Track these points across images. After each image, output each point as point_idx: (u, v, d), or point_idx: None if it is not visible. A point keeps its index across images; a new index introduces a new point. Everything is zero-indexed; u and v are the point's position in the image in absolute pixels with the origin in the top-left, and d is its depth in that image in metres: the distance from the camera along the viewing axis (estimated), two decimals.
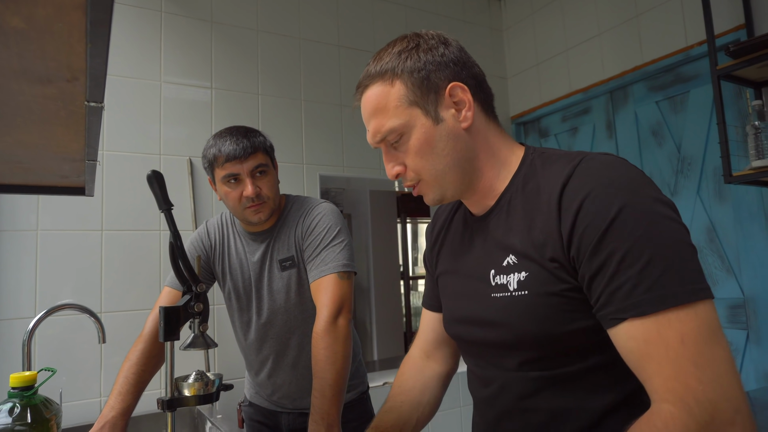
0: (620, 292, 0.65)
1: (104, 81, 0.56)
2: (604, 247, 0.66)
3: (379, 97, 0.81)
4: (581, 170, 0.72)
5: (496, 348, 0.83)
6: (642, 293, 0.63)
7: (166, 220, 1.15)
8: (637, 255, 0.64)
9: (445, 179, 0.82)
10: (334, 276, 1.36)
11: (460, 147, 0.81)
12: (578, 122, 2.76)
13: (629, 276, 0.64)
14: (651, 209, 0.66)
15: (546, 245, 0.73)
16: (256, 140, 1.40)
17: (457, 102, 0.81)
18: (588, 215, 0.68)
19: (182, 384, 1.19)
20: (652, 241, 0.64)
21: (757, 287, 2.01)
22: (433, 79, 0.80)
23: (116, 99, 2.03)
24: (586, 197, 0.69)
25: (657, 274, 0.63)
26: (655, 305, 0.62)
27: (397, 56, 0.82)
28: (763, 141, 1.74)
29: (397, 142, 0.82)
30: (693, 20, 2.18)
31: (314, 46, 2.51)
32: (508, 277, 0.78)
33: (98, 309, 1.90)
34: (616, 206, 0.66)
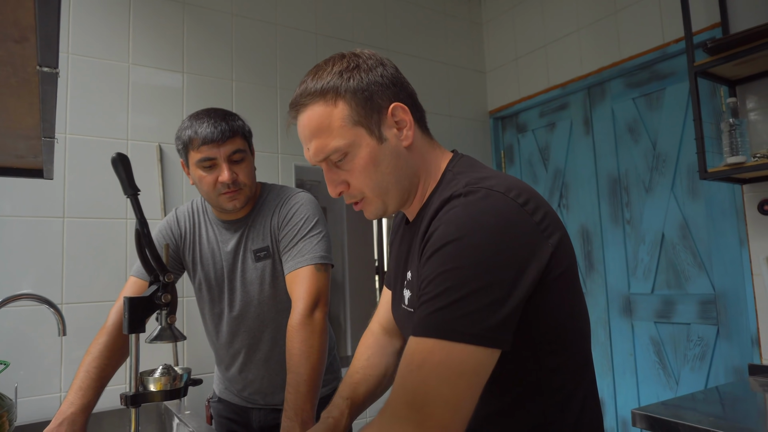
0: (420, 308, 0.72)
1: (57, 43, 0.51)
2: (424, 271, 0.74)
3: (321, 117, 0.82)
4: (450, 205, 0.76)
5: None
6: (421, 317, 0.70)
7: (132, 205, 1.09)
8: (437, 284, 0.70)
9: (388, 195, 0.86)
10: (311, 268, 1.31)
11: (401, 165, 0.85)
12: (556, 118, 2.77)
13: (423, 300, 0.71)
14: (472, 251, 0.69)
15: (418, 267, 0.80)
16: (234, 124, 1.34)
17: (398, 121, 0.84)
18: (428, 246, 0.75)
19: (148, 378, 1.14)
20: (453, 278, 0.68)
21: (727, 283, 2.05)
22: (376, 100, 0.82)
23: (81, 79, 1.93)
24: (434, 232, 0.75)
25: (437, 306, 0.68)
26: (422, 331, 0.69)
27: (339, 75, 0.82)
28: (737, 138, 1.75)
29: (340, 161, 0.83)
30: (670, 18, 2.20)
31: (291, 32, 2.44)
32: (405, 292, 0.88)
33: (59, 300, 1.81)
34: (445, 239, 0.72)
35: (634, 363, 2.36)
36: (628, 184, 2.41)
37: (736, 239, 2.01)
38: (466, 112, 2.99)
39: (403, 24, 2.80)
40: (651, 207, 2.31)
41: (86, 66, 1.95)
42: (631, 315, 2.38)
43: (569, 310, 0.79)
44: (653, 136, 2.32)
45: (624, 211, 2.43)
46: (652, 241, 2.30)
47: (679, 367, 2.20)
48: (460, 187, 0.77)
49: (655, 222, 2.29)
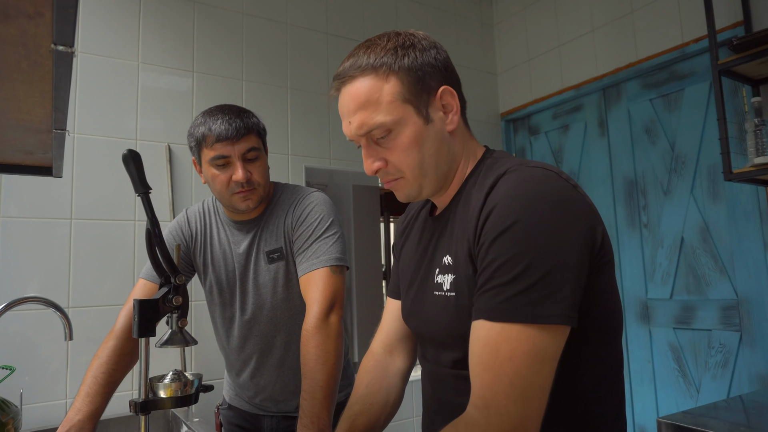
0: (486, 294, 0.70)
1: (74, 18, 0.46)
2: (489, 252, 0.71)
3: (370, 90, 0.80)
4: (501, 183, 0.76)
5: (435, 344, 0.87)
6: (499, 302, 0.68)
7: (143, 204, 1.05)
8: (511, 267, 0.68)
9: (426, 178, 0.84)
10: (326, 270, 1.27)
11: (443, 149, 0.84)
12: (569, 120, 2.72)
13: (497, 283, 0.69)
14: (543, 229, 0.69)
15: (467, 252, 0.78)
16: (249, 121, 1.30)
17: (445, 105, 0.84)
18: (489, 223, 0.73)
19: (158, 384, 1.10)
20: (527, 259, 0.68)
21: (751, 288, 1.99)
22: (428, 80, 0.82)
23: (90, 78, 1.90)
24: (494, 207, 0.73)
25: (519, 289, 0.67)
26: (503, 316, 0.67)
27: (393, 52, 0.81)
28: (763, 138, 1.70)
29: (382, 138, 0.81)
30: (689, 17, 2.15)
31: (302, 32, 2.41)
32: (444, 277, 0.83)
33: (66, 304, 1.77)
34: (511, 218, 0.70)
35: (652, 370, 2.30)
36: (646, 186, 2.36)
37: (759, 242, 1.95)
38: (478, 114, 2.95)
39: (413, 25, 2.76)
40: (669, 210, 2.26)
41: (95, 65, 1.92)
42: (648, 321, 2.32)
43: (614, 300, 0.80)
44: (671, 138, 2.27)
45: (641, 215, 2.37)
46: (671, 245, 2.24)
47: (700, 375, 2.14)
48: (513, 165, 0.78)
49: (674, 225, 2.24)
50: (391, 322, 1.05)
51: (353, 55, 0.83)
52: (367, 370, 1.03)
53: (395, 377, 1.02)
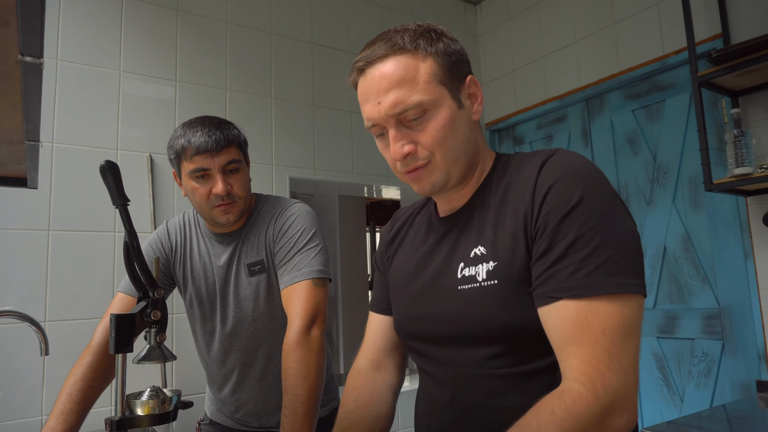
0: (562, 273, 0.69)
1: (41, 27, 0.45)
2: (559, 230, 0.70)
3: (407, 68, 0.77)
4: (553, 161, 0.76)
5: (459, 343, 0.81)
6: (581, 278, 0.67)
7: (121, 216, 1.03)
8: (586, 242, 0.68)
9: (456, 163, 0.82)
10: (308, 282, 1.25)
11: (472, 136, 0.83)
12: (554, 130, 2.74)
13: (574, 260, 0.68)
14: (608, 203, 0.71)
15: (518, 232, 0.75)
16: (230, 133, 1.28)
17: (471, 94, 0.84)
18: (552, 200, 0.72)
19: (135, 402, 1.07)
20: (602, 232, 0.68)
21: (732, 297, 2.01)
22: (459, 67, 0.82)
23: (69, 87, 1.87)
24: (554, 183, 0.73)
25: (599, 262, 0.67)
26: (589, 291, 0.67)
27: (427, 35, 0.80)
28: (742, 149, 1.73)
29: (415, 120, 0.78)
30: (669, 29, 2.19)
31: (287, 41, 2.40)
32: (477, 268, 0.78)
33: (42, 317, 1.73)
34: (577, 194, 0.70)
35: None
36: (628, 196, 2.38)
37: (740, 252, 1.97)
38: None
39: None
40: (652, 219, 2.28)
41: (75, 73, 1.89)
42: None
43: None
44: (653, 148, 2.30)
45: None
46: (654, 255, 2.26)
47: (683, 384, 2.15)
48: (555, 149, 0.79)
49: (657, 235, 2.26)
50: (377, 337, 1.01)
51: (381, 38, 0.81)
52: (355, 387, 0.99)
53: (385, 391, 0.99)
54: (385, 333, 1.01)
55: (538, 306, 0.72)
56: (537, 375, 0.76)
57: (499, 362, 0.77)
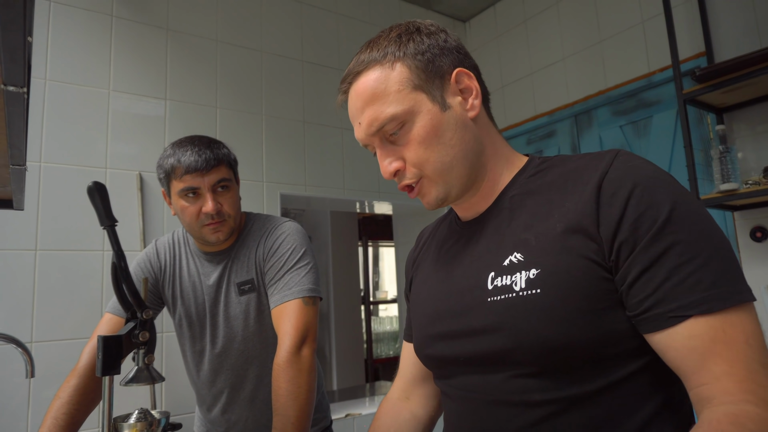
0: (682, 286, 0.60)
1: (23, 58, 0.45)
2: (662, 238, 0.61)
3: (377, 82, 0.72)
4: (622, 161, 0.67)
5: (487, 364, 0.71)
6: (707, 288, 0.59)
7: (109, 237, 1.02)
8: (699, 248, 0.60)
9: (452, 174, 0.73)
10: (299, 301, 1.24)
11: (468, 137, 0.74)
12: (543, 145, 2.77)
13: (693, 270, 0.59)
14: (700, 206, 0.64)
15: (570, 237, 0.66)
16: (219, 152, 1.29)
17: (462, 89, 0.75)
18: (641, 206, 0.62)
19: (122, 425, 1.06)
20: (709, 237, 0.61)
21: None
22: (438, 63, 0.73)
23: (58, 106, 1.87)
24: (636, 187, 0.63)
25: (721, 269, 0.60)
26: (723, 302, 0.59)
27: (397, 39, 0.74)
28: (728, 165, 1.75)
29: (395, 134, 0.73)
30: (654, 47, 2.23)
31: (277, 59, 2.41)
32: (513, 277, 0.68)
33: (28, 338, 1.70)
34: (670, 199, 0.62)
35: None
36: None
37: None
38: None
39: None
40: None
41: (64, 92, 1.89)
42: None
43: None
44: None
45: None
46: None
47: None
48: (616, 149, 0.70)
49: None
50: (409, 366, 0.95)
51: (357, 54, 0.77)
52: (379, 416, 0.94)
53: (408, 422, 0.92)
54: (415, 361, 0.93)
55: (651, 330, 0.62)
56: (577, 405, 0.65)
57: (533, 387, 0.67)
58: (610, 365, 0.65)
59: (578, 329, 0.63)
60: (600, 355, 0.64)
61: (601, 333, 0.63)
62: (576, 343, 0.64)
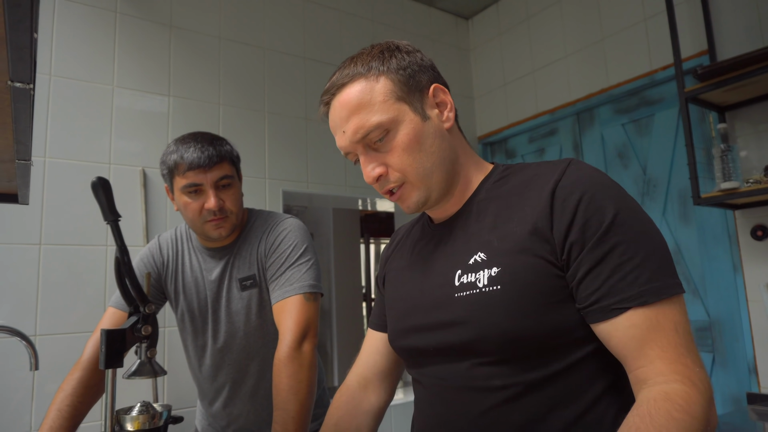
0: (623, 283, 0.68)
1: (30, 55, 0.46)
2: (607, 239, 0.69)
3: (362, 93, 0.79)
4: (573, 171, 0.75)
5: (454, 354, 0.79)
6: (644, 283, 0.68)
7: (112, 232, 1.04)
8: (636, 249, 0.69)
9: (432, 179, 0.81)
10: (300, 297, 1.25)
11: (444, 146, 0.82)
12: (545, 143, 2.77)
13: (631, 268, 0.68)
14: (639, 210, 0.73)
15: (525, 239, 0.74)
16: (222, 149, 1.29)
17: (439, 103, 0.83)
18: (588, 211, 0.71)
19: (124, 417, 1.08)
20: (647, 238, 0.70)
21: (722, 310, 2.02)
22: (418, 78, 0.81)
23: (63, 102, 1.88)
24: (584, 194, 0.72)
25: (655, 266, 0.68)
26: (657, 295, 0.67)
27: (380, 56, 0.81)
28: (729, 163, 1.75)
29: (380, 141, 0.79)
30: (657, 45, 2.22)
31: (279, 56, 2.42)
32: (477, 275, 0.76)
33: (33, 332, 1.72)
34: (614, 206, 0.71)
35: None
36: None
37: (729, 265, 1.99)
38: None
39: None
40: None
41: (69, 88, 1.90)
42: None
43: None
44: (643, 162, 2.32)
45: None
46: None
47: None
48: (567, 159, 0.78)
49: None
50: (371, 354, 1.00)
51: (340, 69, 0.83)
52: (339, 406, 0.98)
53: (367, 415, 0.97)
54: (379, 350, 0.99)
55: (597, 321, 0.70)
56: (533, 389, 0.73)
57: (494, 373, 0.75)
58: (563, 352, 0.73)
59: (534, 321, 0.72)
60: (553, 343, 0.73)
61: (555, 324, 0.72)
62: (533, 333, 0.72)
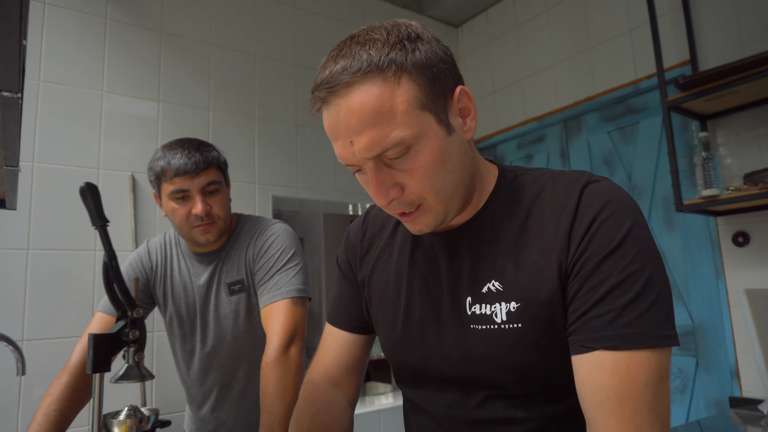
0: (599, 320, 0.62)
1: (18, 65, 0.47)
2: (598, 272, 0.63)
3: (380, 99, 0.61)
4: (592, 191, 0.67)
5: (467, 385, 0.74)
6: (620, 327, 0.61)
7: (100, 237, 1.04)
8: (628, 287, 0.62)
9: (453, 198, 0.69)
10: (287, 302, 1.27)
11: (468, 163, 0.70)
12: (533, 150, 2.80)
13: (613, 307, 0.61)
14: (650, 241, 0.65)
15: (547, 270, 0.66)
16: (209, 155, 1.31)
17: (462, 109, 0.69)
18: (594, 239, 0.64)
19: (112, 422, 1.08)
20: (643, 278, 0.62)
21: (705, 314, 2.05)
22: (444, 80, 0.66)
23: (52, 107, 1.89)
24: (595, 219, 0.65)
25: (640, 311, 0.61)
26: (630, 343, 0.60)
27: (401, 46, 0.63)
28: (710, 171, 1.79)
29: (399, 158, 0.64)
30: (641, 54, 2.27)
31: (270, 62, 2.44)
32: (493, 307, 0.69)
33: (20, 336, 1.72)
34: (621, 234, 0.63)
35: None
36: None
37: (712, 270, 2.03)
38: None
39: None
40: None
41: (57, 93, 1.90)
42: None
43: None
44: (628, 168, 2.36)
45: None
46: None
47: None
48: (587, 175, 0.69)
49: None
50: (339, 355, 0.91)
51: (342, 54, 0.64)
52: (311, 402, 0.88)
53: (344, 412, 0.90)
54: (350, 350, 0.91)
55: (572, 354, 0.65)
56: (556, 421, 0.70)
57: (516, 405, 0.71)
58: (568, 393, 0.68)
59: (554, 357, 0.67)
60: (572, 377, 0.66)
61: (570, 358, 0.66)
62: (552, 369, 0.68)
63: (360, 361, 0.92)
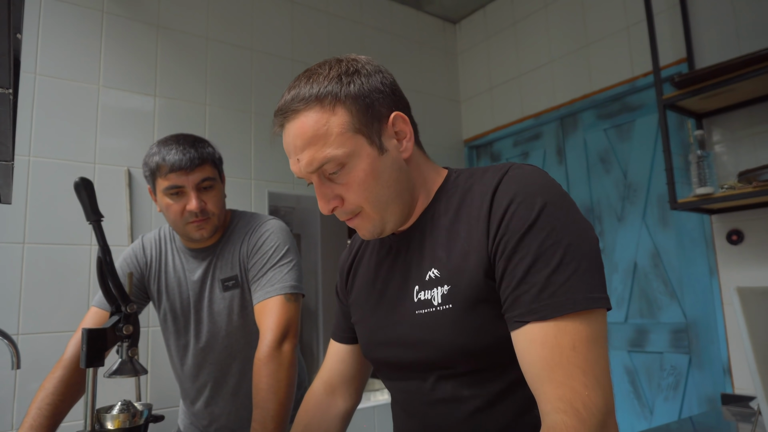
0: (527, 295, 0.67)
1: (11, 62, 0.47)
2: (518, 250, 0.68)
3: (317, 124, 0.74)
4: (509, 177, 0.74)
5: (422, 369, 0.80)
6: (546, 298, 0.65)
7: (95, 232, 1.05)
8: (547, 260, 0.66)
9: (388, 210, 0.79)
10: (281, 298, 1.27)
11: (402, 178, 0.80)
12: (529, 147, 2.81)
13: (536, 281, 0.66)
14: (567, 215, 0.69)
15: (471, 253, 0.73)
16: (204, 151, 1.31)
17: (398, 132, 0.79)
18: (510, 220, 0.70)
19: (105, 416, 1.08)
20: (560, 249, 0.66)
21: (698, 312, 2.07)
22: (377, 107, 0.77)
23: (48, 101, 1.88)
24: (511, 202, 0.70)
25: (562, 280, 0.65)
26: (556, 311, 0.65)
27: (338, 80, 0.76)
28: (705, 169, 1.80)
29: (335, 173, 0.76)
30: (638, 52, 2.27)
31: (267, 57, 2.43)
32: (432, 292, 0.77)
33: (15, 331, 1.72)
34: (535, 211, 0.68)
35: None
36: (601, 213, 2.44)
37: (706, 268, 2.04)
38: (441, 140, 3.02)
39: (378, 53, 2.83)
40: (623, 236, 2.34)
41: (54, 87, 1.90)
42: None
43: None
44: (624, 166, 2.37)
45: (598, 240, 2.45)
46: (625, 270, 2.32)
47: (653, 397, 2.20)
48: (509, 165, 0.76)
49: (628, 251, 2.32)
50: (336, 364, 1.01)
51: (293, 87, 0.78)
52: (306, 410, 0.99)
53: (335, 419, 0.99)
54: (345, 360, 1.00)
55: (510, 330, 0.69)
56: (502, 396, 0.75)
57: (463, 384, 0.76)
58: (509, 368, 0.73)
59: (487, 335, 0.72)
60: (510, 353, 0.71)
61: (507, 335, 0.71)
62: (488, 346, 0.73)
63: (356, 370, 1.00)
